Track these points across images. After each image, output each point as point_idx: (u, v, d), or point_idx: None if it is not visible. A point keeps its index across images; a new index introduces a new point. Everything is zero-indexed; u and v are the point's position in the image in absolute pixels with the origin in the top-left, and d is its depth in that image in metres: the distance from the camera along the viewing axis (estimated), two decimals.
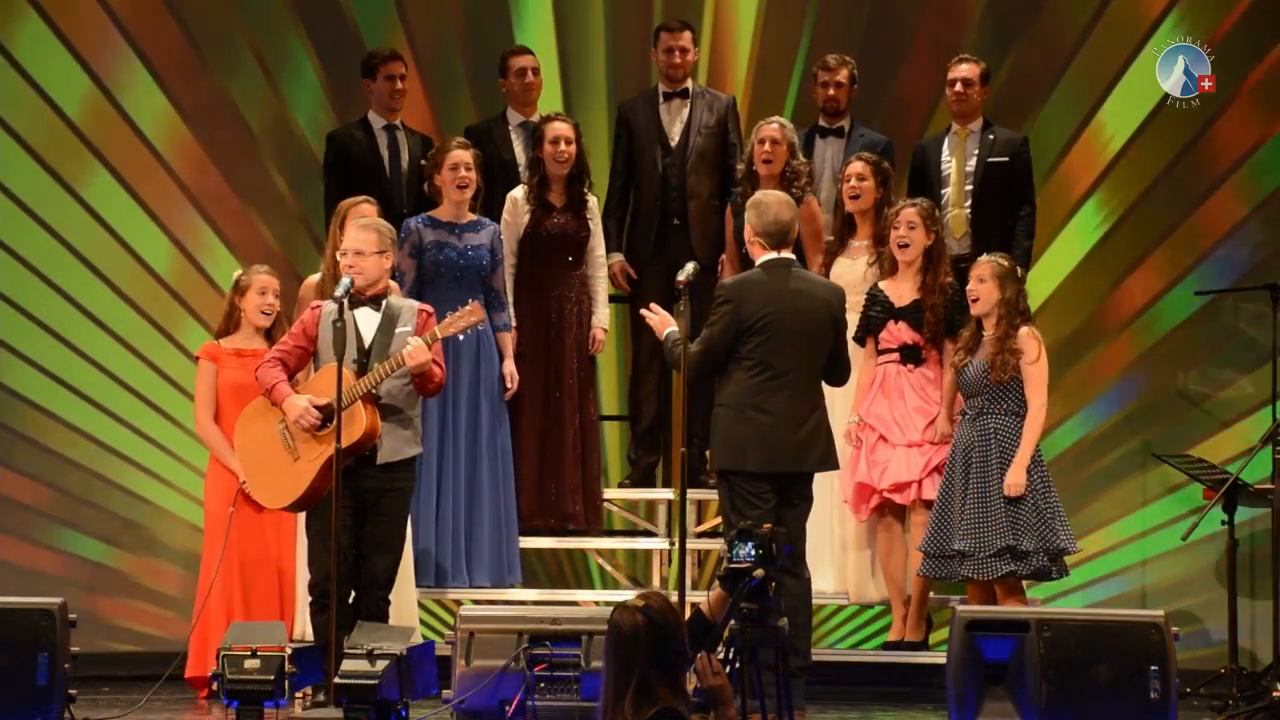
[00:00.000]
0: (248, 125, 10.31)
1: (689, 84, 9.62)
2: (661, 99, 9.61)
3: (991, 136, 9.38)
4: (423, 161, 9.24)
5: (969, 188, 9.34)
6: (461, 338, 8.54)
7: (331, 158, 9.56)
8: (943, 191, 9.32)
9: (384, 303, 7.93)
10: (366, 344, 7.84)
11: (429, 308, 8.11)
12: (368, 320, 7.88)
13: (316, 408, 7.76)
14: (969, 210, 9.31)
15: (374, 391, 7.77)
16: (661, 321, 7.97)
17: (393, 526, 7.95)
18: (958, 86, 9.40)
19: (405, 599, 8.50)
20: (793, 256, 7.96)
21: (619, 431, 10.30)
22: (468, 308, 8.04)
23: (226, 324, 8.88)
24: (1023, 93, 10.19)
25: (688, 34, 9.61)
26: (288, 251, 10.17)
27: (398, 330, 7.87)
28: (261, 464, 7.95)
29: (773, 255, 7.90)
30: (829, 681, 8.96)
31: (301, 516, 8.33)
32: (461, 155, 9.01)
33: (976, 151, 9.36)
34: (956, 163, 9.38)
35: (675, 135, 9.57)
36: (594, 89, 10.46)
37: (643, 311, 8.10)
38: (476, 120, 9.95)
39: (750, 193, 8.60)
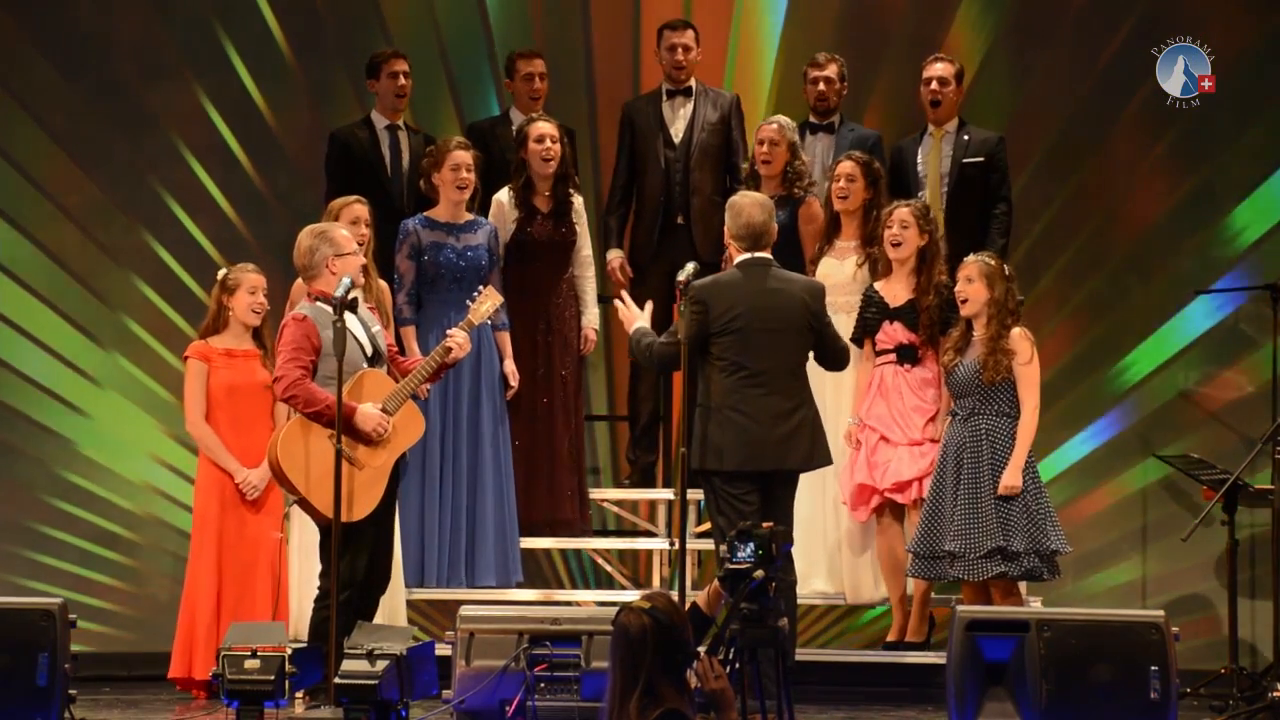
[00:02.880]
0: (234, 127, 10.30)
1: (692, 83, 9.62)
2: (665, 96, 9.61)
3: (966, 137, 9.37)
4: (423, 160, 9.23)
5: (944, 189, 9.33)
6: None
7: (333, 156, 9.53)
8: (919, 193, 9.29)
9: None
10: (366, 345, 7.74)
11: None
12: (352, 321, 7.71)
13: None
14: (944, 211, 9.29)
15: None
16: (631, 315, 7.96)
17: (394, 524, 7.99)
18: (933, 85, 9.39)
19: (396, 600, 8.50)
20: (769, 256, 7.92)
21: (612, 431, 10.29)
22: (484, 291, 8.06)
23: (214, 323, 8.69)
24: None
25: (690, 32, 9.61)
26: (275, 251, 10.12)
27: (373, 329, 7.83)
28: (326, 480, 7.58)
29: (748, 256, 7.90)
30: (828, 682, 8.97)
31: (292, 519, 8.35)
32: (462, 156, 8.97)
33: (951, 152, 9.36)
34: (932, 163, 9.37)
35: (679, 131, 9.56)
36: (573, 89, 10.42)
37: (615, 300, 8.10)
38: (473, 118, 9.95)
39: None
